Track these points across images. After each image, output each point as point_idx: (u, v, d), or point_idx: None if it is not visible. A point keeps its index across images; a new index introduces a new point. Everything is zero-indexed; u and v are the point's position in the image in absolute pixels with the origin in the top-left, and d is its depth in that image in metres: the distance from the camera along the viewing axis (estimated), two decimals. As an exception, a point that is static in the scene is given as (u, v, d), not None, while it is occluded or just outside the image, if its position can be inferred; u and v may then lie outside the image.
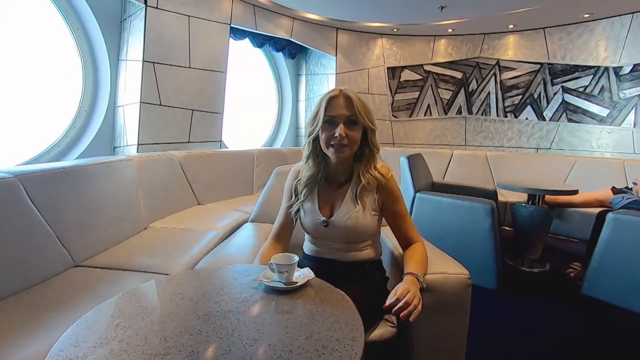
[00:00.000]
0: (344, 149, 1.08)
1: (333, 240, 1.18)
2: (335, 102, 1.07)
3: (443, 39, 4.81)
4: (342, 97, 1.08)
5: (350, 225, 1.12)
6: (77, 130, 2.85)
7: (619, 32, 3.76)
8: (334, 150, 1.08)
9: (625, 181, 3.26)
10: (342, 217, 1.13)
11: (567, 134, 4.24)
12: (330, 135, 1.07)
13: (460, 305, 1.15)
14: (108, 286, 1.40)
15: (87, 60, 2.88)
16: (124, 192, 2.09)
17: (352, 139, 1.07)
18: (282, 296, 0.84)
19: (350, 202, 1.14)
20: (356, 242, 1.18)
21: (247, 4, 3.69)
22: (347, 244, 1.17)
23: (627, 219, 2.09)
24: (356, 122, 1.08)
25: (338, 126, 1.06)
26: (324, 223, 1.15)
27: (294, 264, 0.89)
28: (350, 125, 1.07)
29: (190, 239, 2.00)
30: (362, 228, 1.14)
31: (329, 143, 1.08)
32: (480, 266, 2.36)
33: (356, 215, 1.12)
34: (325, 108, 1.07)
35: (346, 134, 1.06)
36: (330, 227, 1.15)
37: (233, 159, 3.41)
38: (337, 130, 1.05)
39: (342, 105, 1.07)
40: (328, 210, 1.17)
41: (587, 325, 1.99)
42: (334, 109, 1.07)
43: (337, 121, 1.07)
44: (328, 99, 1.08)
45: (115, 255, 1.75)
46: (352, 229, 1.13)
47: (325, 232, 1.16)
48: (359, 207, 1.12)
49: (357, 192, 1.13)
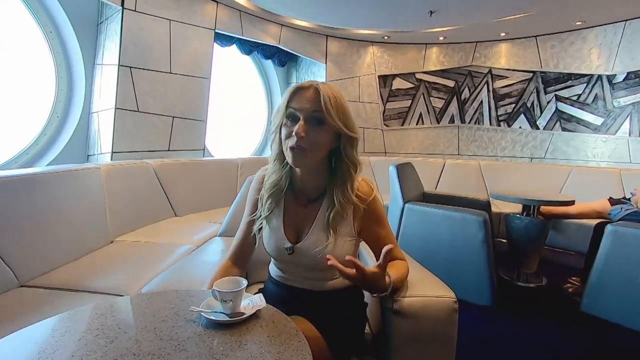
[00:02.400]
0: (303, 154, 0.86)
1: (300, 268, 0.98)
2: (302, 94, 0.87)
3: (435, 47, 4.74)
4: (311, 90, 0.87)
5: (320, 257, 0.90)
6: (48, 137, 2.70)
7: (611, 39, 3.70)
8: (291, 154, 0.87)
9: (622, 191, 3.14)
10: (309, 246, 0.93)
11: (561, 143, 4.14)
12: (289, 134, 0.87)
13: (444, 334, 1.00)
14: (49, 310, 1.24)
15: (60, 65, 2.74)
16: (87, 204, 1.93)
17: (314, 141, 0.86)
18: (222, 332, 0.68)
19: (322, 230, 0.94)
20: (327, 271, 0.96)
21: (232, 9, 3.59)
22: (317, 272, 0.98)
23: (628, 231, 1.96)
24: (322, 121, 0.86)
25: (298, 123, 0.85)
26: (289, 250, 0.94)
27: (241, 290, 0.74)
28: (314, 125, 0.86)
29: (158, 254, 1.84)
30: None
31: (287, 144, 0.88)
32: (474, 282, 2.21)
33: (327, 248, 0.91)
34: (289, 99, 0.88)
35: (307, 134, 0.84)
36: (296, 255, 0.95)
37: (215, 168, 3.25)
38: (295, 128, 0.85)
39: (309, 99, 0.86)
40: (294, 233, 0.97)
41: (586, 346, 1.84)
42: (298, 101, 0.87)
43: (299, 116, 0.86)
44: (295, 89, 0.88)
45: (70, 273, 1.58)
46: (321, 261, 0.88)
47: (290, 260, 0.96)
48: (332, 239, 0.91)
49: (330, 218, 0.92)
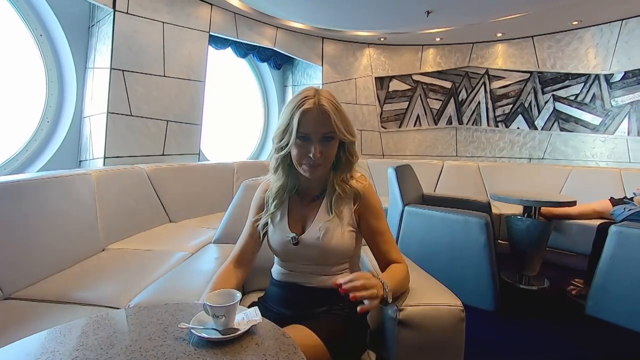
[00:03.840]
0: (319, 169, 0.96)
1: (304, 262, 1.03)
2: (309, 115, 0.91)
3: (431, 49, 4.72)
4: (315, 110, 0.91)
5: (323, 241, 0.97)
6: (38, 142, 2.63)
7: (608, 39, 3.68)
8: (308, 169, 0.95)
9: (623, 191, 3.11)
10: (314, 233, 0.99)
11: (560, 143, 4.12)
12: (303, 154, 0.94)
13: (451, 344, 0.95)
14: (36, 324, 1.17)
15: (51, 69, 2.68)
16: (77, 210, 1.87)
17: (327, 156, 0.95)
18: (214, 350, 0.63)
19: (324, 213, 1.02)
20: (330, 264, 1.02)
21: (227, 12, 3.55)
22: (320, 267, 1.02)
23: (633, 232, 1.91)
24: (332, 137, 0.94)
25: (312, 144, 0.92)
26: (294, 240, 1.00)
27: (234, 304, 0.68)
28: (325, 142, 0.93)
29: (152, 262, 1.77)
30: (337, 247, 0.98)
31: (301, 162, 0.95)
32: (476, 286, 2.16)
33: (330, 226, 0.98)
34: (298, 124, 0.91)
35: (321, 152, 0.92)
36: (300, 246, 1.00)
37: (211, 173, 3.19)
38: (312, 150, 0.92)
39: (318, 121, 0.91)
40: (299, 226, 1.03)
41: (593, 351, 1.80)
42: (308, 125, 0.91)
43: (312, 138, 0.92)
44: (301, 113, 0.90)
45: (59, 283, 1.52)
46: (325, 247, 0.98)
47: (294, 252, 1.01)
48: (333, 215, 0.99)
49: (332, 202, 1.01)
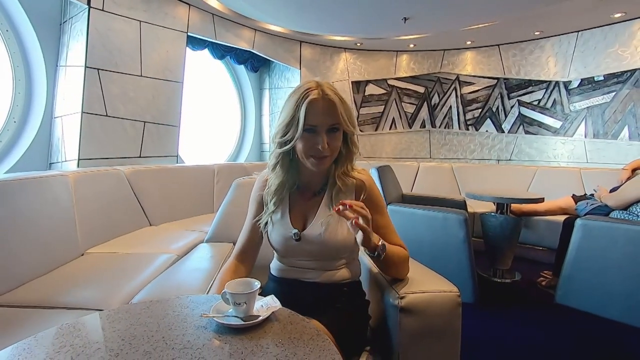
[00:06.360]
0: (326, 160, 0.95)
1: (305, 258, 1.03)
2: (315, 106, 0.90)
3: (405, 54, 4.89)
4: (322, 101, 0.91)
5: (325, 236, 0.98)
6: (4, 144, 2.48)
7: (566, 49, 3.99)
8: (316, 162, 0.94)
9: (583, 189, 3.37)
10: (316, 228, 0.99)
11: (525, 145, 4.39)
12: (310, 147, 0.92)
13: (450, 329, 1.00)
14: (20, 330, 1.11)
15: (18, 66, 2.54)
16: (54, 214, 1.78)
17: (334, 148, 0.94)
18: (238, 336, 0.64)
19: (326, 209, 1.02)
20: (331, 259, 1.03)
21: (205, 13, 3.51)
22: (321, 262, 1.03)
23: (596, 224, 2.08)
24: (338, 128, 0.94)
25: (319, 136, 0.91)
26: (296, 236, 1.00)
27: (254, 292, 0.69)
28: (332, 132, 0.93)
29: (136, 264, 1.72)
30: (338, 242, 0.99)
31: (308, 154, 0.94)
32: (456, 279, 2.17)
33: (332, 221, 0.98)
34: (305, 114, 0.89)
35: (328, 144, 0.92)
36: (302, 242, 1.00)
37: (191, 175, 3.13)
38: (320, 142, 0.91)
39: (325, 112, 0.91)
40: (301, 222, 1.03)
41: (565, 336, 1.93)
42: (316, 117, 0.90)
43: (319, 130, 0.91)
44: (308, 103, 0.90)
45: (39, 288, 1.44)
46: (327, 242, 0.98)
47: (296, 248, 1.02)
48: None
49: (333, 195, 1.01)
